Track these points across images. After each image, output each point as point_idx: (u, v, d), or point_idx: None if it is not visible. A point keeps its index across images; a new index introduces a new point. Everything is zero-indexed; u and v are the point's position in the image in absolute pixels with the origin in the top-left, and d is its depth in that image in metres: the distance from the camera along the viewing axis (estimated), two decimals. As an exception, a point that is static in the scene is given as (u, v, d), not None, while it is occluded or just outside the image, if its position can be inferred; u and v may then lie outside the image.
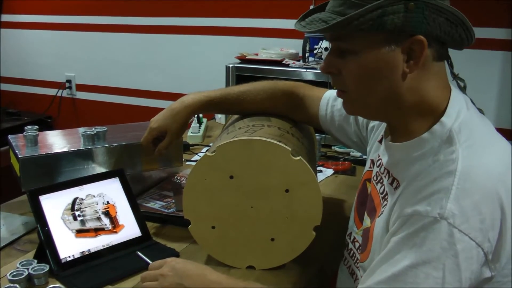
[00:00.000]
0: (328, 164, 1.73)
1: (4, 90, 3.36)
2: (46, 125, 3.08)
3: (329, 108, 1.19)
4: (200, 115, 2.21)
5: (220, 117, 2.38)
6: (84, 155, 1.31)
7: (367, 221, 0.98)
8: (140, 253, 1.09)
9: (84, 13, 2.96)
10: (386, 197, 0.90)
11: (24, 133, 1.31)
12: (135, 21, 2.82)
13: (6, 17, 3.25)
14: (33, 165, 1.24)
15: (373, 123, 1.12)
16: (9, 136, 1.36)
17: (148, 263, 1.04)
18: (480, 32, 1.64)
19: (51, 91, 3.13)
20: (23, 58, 3.25)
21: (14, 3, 3.21)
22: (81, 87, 3.10)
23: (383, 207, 0.90)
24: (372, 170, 1.03)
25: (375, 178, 0.99)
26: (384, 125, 1.03)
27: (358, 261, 0.99)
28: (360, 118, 1.16)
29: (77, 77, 3.10)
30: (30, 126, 1.36)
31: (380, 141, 1.02)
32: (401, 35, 0.79)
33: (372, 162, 1.05)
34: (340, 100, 1.18)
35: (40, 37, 3.16)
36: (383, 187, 0.93)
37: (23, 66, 3.26)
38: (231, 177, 1.02)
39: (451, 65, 0.89)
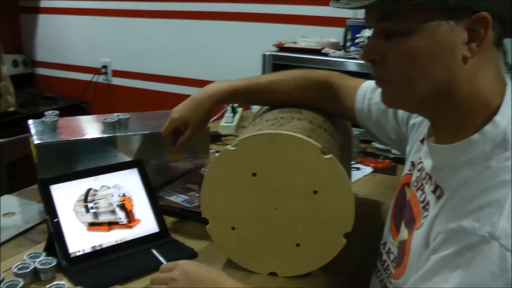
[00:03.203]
0: (367, 161, 1.62)
1: (41, 75, 3.37)
2: (81, 110, 3.07)
3: (366, 101, 1.08)
4: (235, 105, 2.13)
5: (256, 107, 2.29)
6: (104, 143, 1.24)
7: (404, 233, 0.86)
8: (154, 251, 1.01)
9: (122, -2, 2.92)
10: (427, 207, 0.78)
11: (42, 119, 1.25)
12: (172, 6, 2.75)
13: (45, 3, 3.24)
14: (49, 152, 1.18)
15: (414, 120, 1.00)
16: (29, 121, 1.30)
17: (162, 263, 0.96)
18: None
19: (87, 76, 3.11)
20: (60, 43, 3.24)
21: (53, -11, 3.21)
22: (117, 73, 3.06)
23: (423, 218, 0.78)
24: (412, 174, 0.91)
25: (415, 184, 0.86)
26: (427, 121, 0.91)
27: (391, 275, 0.88)
28: (400, 113, 1.04)
29: (113, 63, 3.06)
30: (50, 112, 1.30)
31: (422, 141, 0.90)
32: (462, 11, 0.67)
33: (412, 164, 0.93)
34: (378, 92, 1.07)
35: (77, 23, 3.13)
36: (424, 195, 0.81)
37: (60, 51, 3.25)
38: (254, 174, 0.92)
39: (505, 54, 0.76)
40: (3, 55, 2.62)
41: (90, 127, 1.33)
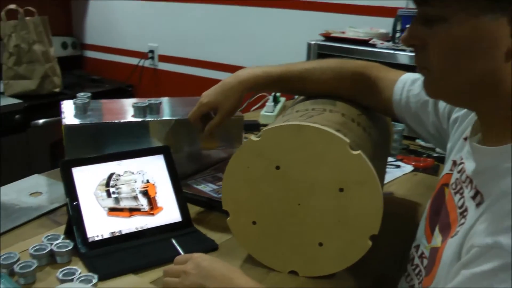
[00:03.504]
0: (408, 159, 1.54)
1: (89, 57, 3.41)
2: (127, 93, 3.09)
3: (405, 93, 1.01)
4: (278, 94, 2.08)
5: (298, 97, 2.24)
6: (133, 128, 1.22)
7: (437, 239, 0.78)
8: (174, 241, 0.97)
9: (170, -17, 2.90)
10: (465, 213, 0.70)
11: (73, 100, 1.24)
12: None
13: (95, -13, 3.28)
14: (77, 134, 1.17)
15: (457, 114, 0.91)
16: (62, 102, 1.30)
17: (180, 254, 0.93)
18: None
19: (134, 61, 3.12)
20: (109, 27, 3.26)
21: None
22: (163, 58, 3.06)
23: (459, 225, 0.70)
24: (452, 174, 0.83)
25: (453, 186, 0.78)
26: (471, 117, 0.83)
27: (422, 283, 0.81)
28: (441, 107, 0.96)
29: (159, 48, 3.06)
30: (82, 93, 1.29)
31: (466, 139, 0.82)
32: (506, 1, 0.60)
33: (454, 164, 0.84)
34: (418, 84, 0.99)
35: (126, 7, 3.14)
36: (462, 199, 0.73)
37: (109, 35, 3.28)
38: (277, 167, 0.87)
39: None
40: (51, 37, 2.65)
41: (123, 111, 1.31)
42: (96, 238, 0.97)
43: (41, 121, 2.53)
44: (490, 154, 0.68)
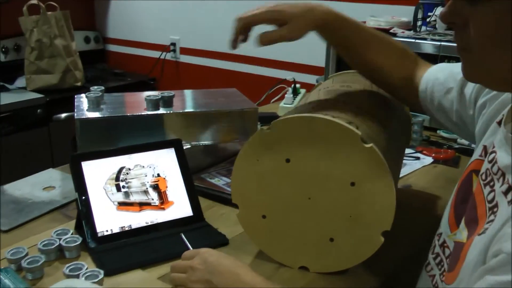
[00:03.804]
0: (429, 150, 1.49)
1: (112, 51, 3.43)
2: (150, 86, 3.09)
3: (430, 82, 0.96)
4: (298, 85, 2.05)
5: (319, 89, 2.20)
6: (146, 121, 1.21)
7: (463, 233, 0.72)
8: (183, 236, 0.96)
9: (191, -25, 2.89)
10: (495, 209, 0.64)
11: (86, 94, 1.24)
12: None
13: (118, -19, 3.29)
14: (90, 128, 1.17)
15: (484, 98, 0.85)
16: (76, 96, 1.30)
17: (189, 249, 0.91)
18: None
19: (156, 54, 3.12)
20: (131, 20, 3.27)
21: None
22: (185, 51, 3.05)
23: (487, 222, 0.64)
24: (483, 161, 0.75)
25: (483, 176, 0.71)
26: (502, 99, 0.78)
27: (444, 273, 0.76)
28: (467, 92, 0.90)
29: (181, 41, 3.05)
30: (95, 87, 1.28)
31: (500, 123, 0.75)
32: None
33: (485, 150, 0.77)
34: (445, 72, 0.95)
35: (147, 0, 3.14)
36: (493, 193, 0.67)
37: (131, 28, 3.28)
38: (288, 160, 0.85)
39: None
40: (73, 31, 2.67)
41: (136, 104, 1.30)
42: (106, 233, 0.96)
43: (63, 115, 2.55)
44: None
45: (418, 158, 1.44)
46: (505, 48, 0.60)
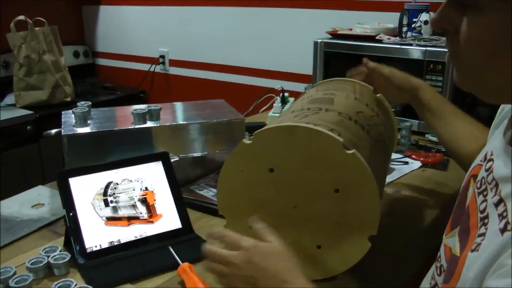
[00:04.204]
0: (417, 155, 1.50)
1: (101, 65, 3.44)
2: (140, 99, 3.10)
3: None
4: (286, 94, 2.06)
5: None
6: (133, 135, 1.21)
7: (456, 245, 0.70)
8: (171, 249, 0.96)
9: (179, -13, 2.91)
10: (486, 221, 0.62)
11: (73, 109, 1.24)
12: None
13: (106, -6, 3.30)
14: (77, 143, 1.17)
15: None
16: (63, 112, 1.30)
17: (178, 262, 0.91)
18: None
19: (145, 66, 3.13)
20: (119, 34, 3.28)
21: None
22: (174, 63, 3.06)
23: (479, 236, 0.62)
24: (482, 166, 0.73)
25: (478, 185, 0.70)
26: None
27: (442, 281, 0.73)
28: None
29: (170, 53, 3.06)
30: (82, 102, 1.29)
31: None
32: None
33: (485, 156, 0.75)
34: None
35: (136, 13, 3.16)
36: (485, 203, 0.65)
37: (120, 42, 3.30)
38: (271, 170, 0.85)
39: None
40: (61, 46, 2.67)
41: (122, 118, 1.30)
42: (95, 249, 0.96)
43: (53, 131, 2.52)
44: None
45: (406, 163, 1.45)
46: (489, 61, 0.60)
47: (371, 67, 1.16)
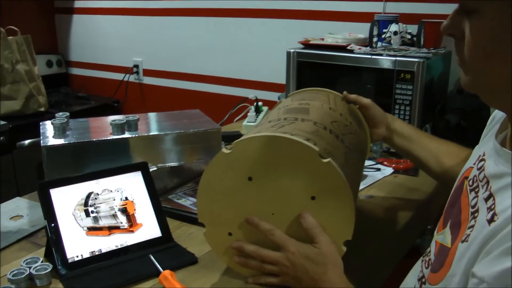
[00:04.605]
0: (389, 161, 1.55)
1: (75, 74, 3.42)
2: (113, 109, 3.10)
3: None
4: (260, 103, 2.09)
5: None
6: (112, 145, 1.23)
7: (447, 236, 0.76)
8: (152, 257, 0.98)
9: (152, -3, 2.92)
10: (476, 214, 0.68)
11: (52, 120, 1.25)
12: (201, 4, 2.73)
13: (79, 3, 3.29)
14: (57, 155, 1.18)
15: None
16: (41, 123, 1.31)
17: (159, 270, 0.94)
18: None
19: (119, 76, 3.13)
20: (93, 43, 3.28)
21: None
22: (148, 72, 3.07)
23: (468, 228, 0.68)
24: (473, 168, 0.80)
25: (471, 182, 0.76)
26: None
27: (429, 271, 0.79)
28: None
29: (144, 62, 3.07)
30: (61, 113, 1.30)
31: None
32: None
33: (478, 158, 0.80)
34: None
35: (110, 22, 3.16)
36: (476, 199, 0.71)
37: (93, 51, 3.29)
38: (250, 178, 0.88)
39: None
40: (35, 56, 2.66)
41: (101, 129, 1.32)
42: (76, 259, 0.97)
43: (27, 141, 2.53)
44: (509, 159, 0.66)
45: (379, 169, 1.49)
46: (493, 62, 0.64)
47: (351, 99, 1.19)
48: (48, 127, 1.28)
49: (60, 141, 1.19)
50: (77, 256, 0.98)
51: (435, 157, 1.14)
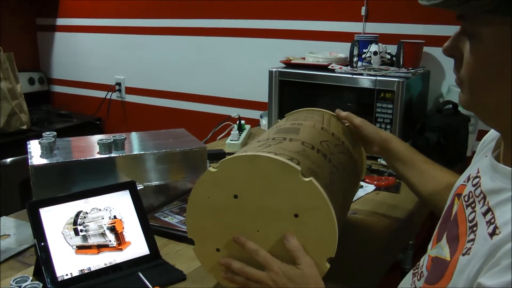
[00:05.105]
0: (371, 178, 1.59)
1: (57, 92, 3.43)
2: (95, 127, 3.10)
3: None
4: (243, 122, 2.13)
5: (265, 124, 2.28)
6: (99, 165, 1.25)
7: (444, 249, 0.79)
8: (141, 275, 1.00)
9: (135, 16, 2.95)
10: (475, 229, 0.71)
11: (39, 140, 1.27)
12: (183, 23, 2.77)
13: (61, 21, 3.31)
14: (44, 174, 1.19)
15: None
16: (28, 142, 1.32)
17: (148, 287, 0.96)
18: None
19: (101, 94, 3.15)
20: (75, 60, 3.30)
21: (68, 8, 3.26)
22: (130, 90, 3.09)
23: (468, 241, 0.71)
24: (466, 186, 0.84)
25: (466, 198, 0.79)
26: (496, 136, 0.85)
27: (424, 283, 0.82)
28: None
29: (126, 80, 3.09)
30: (48, 133, 1.31)
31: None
32: None
33: (469, 177, 0.84)
34: None
35: (92, 40, 3.18)
36: (473, 214, 0.74)
37: (76, 69, 3.31)
38: (235, 196, 0.91)
39: None
40: (17, 73, 2.66)
41: (88, 148, 1.33)
42: (66, 277, 0.99)
43: (8, 160, 2.52)
44: (507, 174, 0.69)
45: (361, 187, 1.53)
46: (484, 85, 0.68)
47: (343, 116, 1.21)
48: (34, 146, 1.30)
49: (48, 161, 1.21)
50: (67, 275, 0.99)
51: (433, 187, 1.14)
